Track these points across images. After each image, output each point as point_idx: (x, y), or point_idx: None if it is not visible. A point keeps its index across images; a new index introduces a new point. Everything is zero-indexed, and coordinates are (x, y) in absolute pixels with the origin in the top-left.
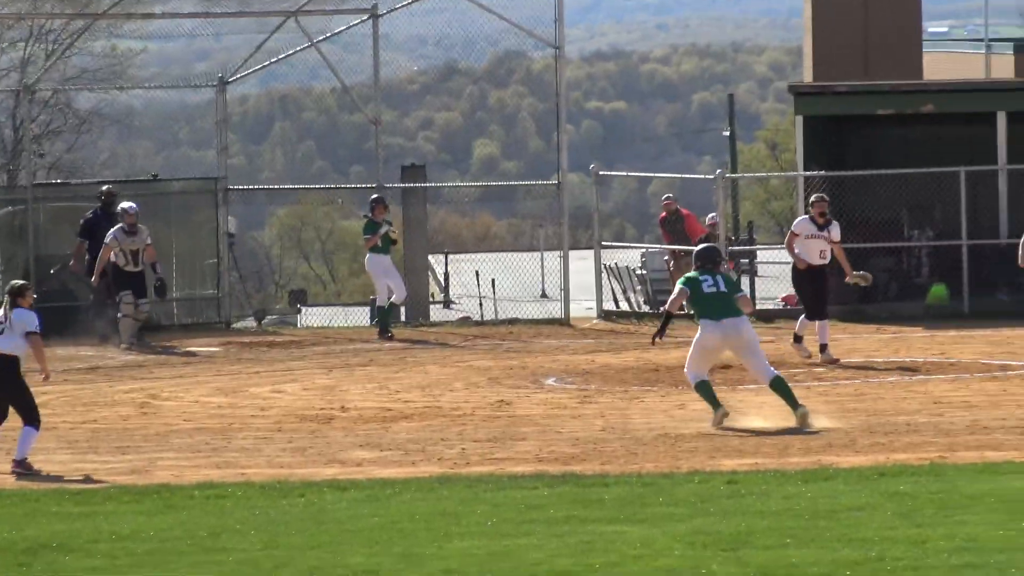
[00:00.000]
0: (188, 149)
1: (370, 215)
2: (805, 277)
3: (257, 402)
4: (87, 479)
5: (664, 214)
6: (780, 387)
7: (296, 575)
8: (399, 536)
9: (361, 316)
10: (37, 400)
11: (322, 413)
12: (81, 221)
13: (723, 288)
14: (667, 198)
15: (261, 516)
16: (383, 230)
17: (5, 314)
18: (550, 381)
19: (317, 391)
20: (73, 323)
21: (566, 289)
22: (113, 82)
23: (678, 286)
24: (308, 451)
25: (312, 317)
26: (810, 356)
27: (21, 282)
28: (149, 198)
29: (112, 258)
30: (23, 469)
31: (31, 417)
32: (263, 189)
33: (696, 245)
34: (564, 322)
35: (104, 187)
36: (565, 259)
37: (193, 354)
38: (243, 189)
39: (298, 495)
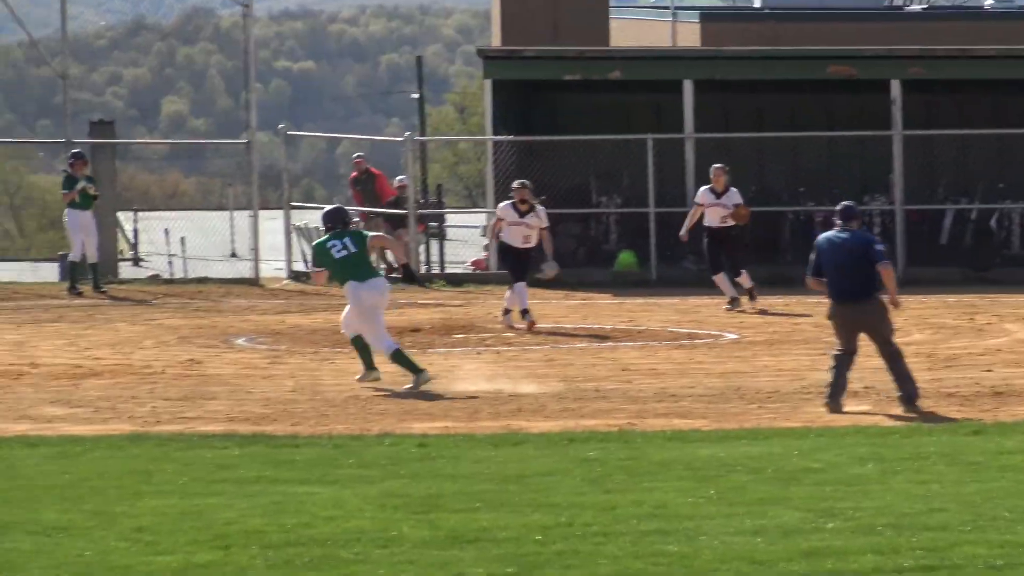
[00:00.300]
0: None
1: (69, 170)
2: (510, 255)
3: None
4: None
5: (355, 173)
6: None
7: None
8: (90, 493)
9: (50, 272)
10: None
11: (11, 369)
12: None
13: (353, 248)
14: (358, 157)
15: None
16: (80, 185)
17: None
18: (240, 341)
19: (6, 347)
20: None
21: (256, 249)
22: None
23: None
24: None
25: (2, 272)
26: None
27: None
28: None
29: None
30: None
31: None
32: None
33: (385, 207)
34: (254, 282)
35: None
36: (255, 219)
37: None
38: None
39: None
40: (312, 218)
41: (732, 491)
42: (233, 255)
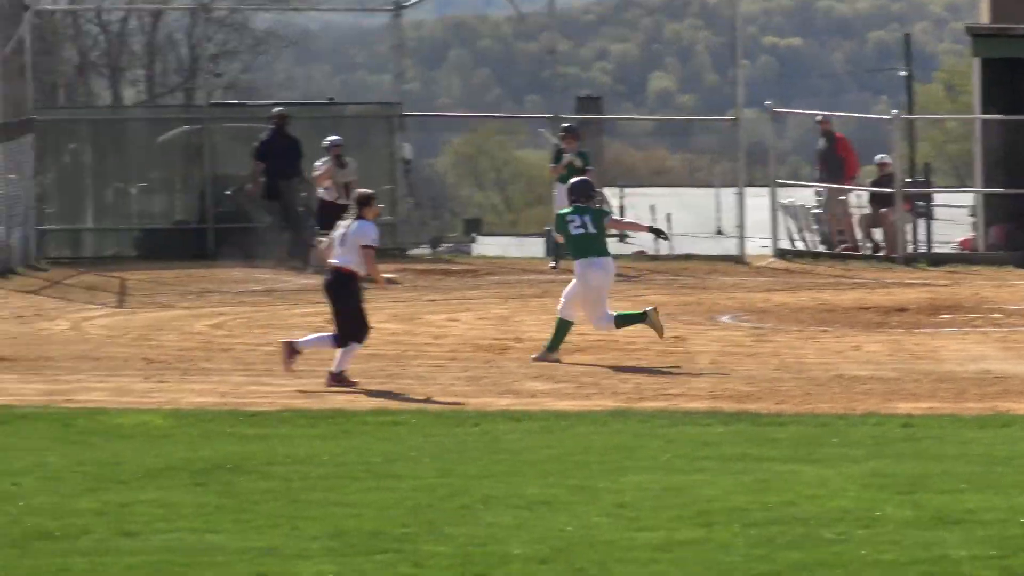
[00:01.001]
0: (364, 73)
1: (561, 144)
2: None
3: (432, 330)
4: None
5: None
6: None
7: (470, 503)
8: (573, 468)
9: (536, 247)
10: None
11: (496, 343)
12: (256, 143)
13: (592, 228)
14: (821, 118)
15: (435, 444)
16: (566, 159)
17: (347, 225)
18: (725, 318)
19: (492, 321)
20: (249, 245)
21: (742, 226)
22: (289, 3)
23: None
24: (482, 381)
25: (487, 246)
26: None
27: (369, 191)
28: (325, 121)
29: (322, 192)
30: (338, 382)
31: (349, 332)
32: (439, 116)
33: (850, 179)
34: (739, 259)
35: (276, 109)
36: (741, 196)
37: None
38: (419, 116)
39: (472, 424)
40: (798, 196)
41: None
42: (719, 232)
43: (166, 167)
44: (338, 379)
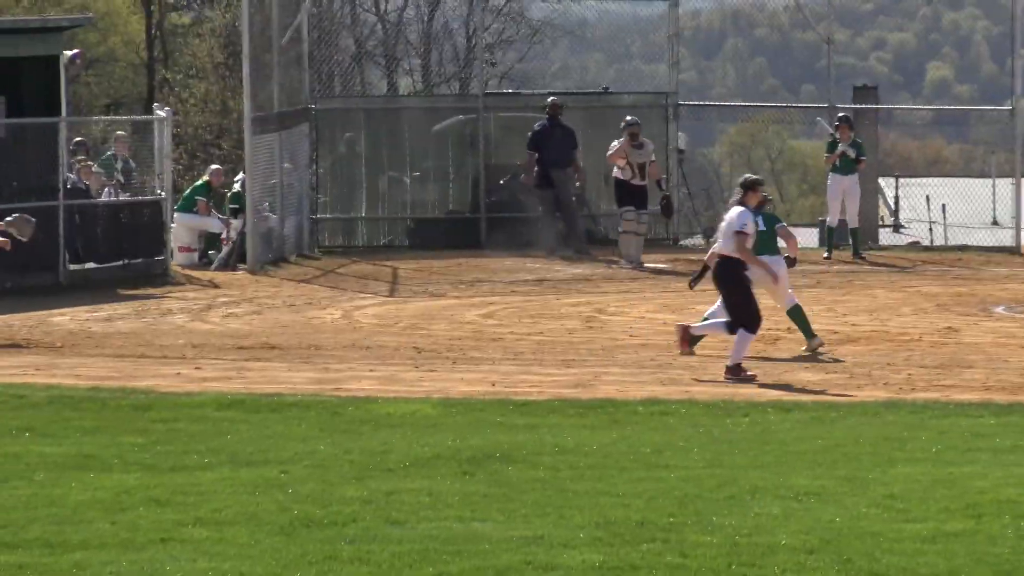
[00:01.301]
0: (640, 63)
1: (835, 134)
2: None
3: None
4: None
5: None
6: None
7: (738, 494)
8: (843, 459)
9: (809, 237)
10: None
11: (768, 334)
12: (530, 133)
13: (762, 226)
14: None
15: (704, 434)
16: (839, 149)
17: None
18: (999, 310)
19: (764, 311)
20: (521, 234)
21: (1018, 217)
22: None
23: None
24: (753, 371)
25: None
26: None
27: (755, 177)
28: (599, 111)
29: (617, 172)
30: (735, 375)
31: (740, 320)
32: (713, 105)
33: None
34: (1015, 251)
35: (550, 98)
36: (1017, 187)
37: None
38: (693, 105)
39: (742, 415)
40: None
41: None
42: (994, 223)
43: (440, 156)
44: (735, 372)
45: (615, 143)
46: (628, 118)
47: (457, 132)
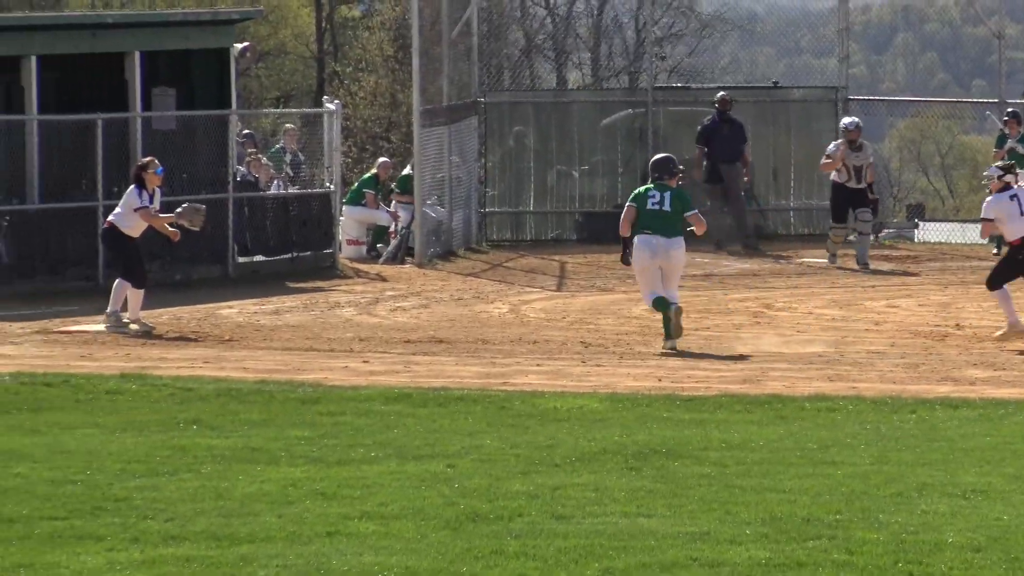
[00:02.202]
0: (809, 57)
1: (1004, 129)
2: None
3: (871, 316)
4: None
5: None
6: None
7: (905, 491)
8: (1011, 457)
9: (976, 233)
10: None
11: (936, 330)
12: (699, 127)
13: (667, 207)
14: None
15: (871, 431)
16: (1008, 144)
17: None
18: None
19: (932, 308)
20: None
21: None
22: None
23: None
24: (921, 367)
25: (929, 232)
26: None
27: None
28: (768, 105)
29: (833, 176)
30: None
31: None
32: (883, 100)
33: None
34: None
35: (719, 93)
36: None
37: (808, 265)
38: (864, 100)
39: (909, 411)
40: None
41: None
42: None
43: (609, 151)
44: None
45: (831, 147)
46: (846, 121)
47: (626, 126)
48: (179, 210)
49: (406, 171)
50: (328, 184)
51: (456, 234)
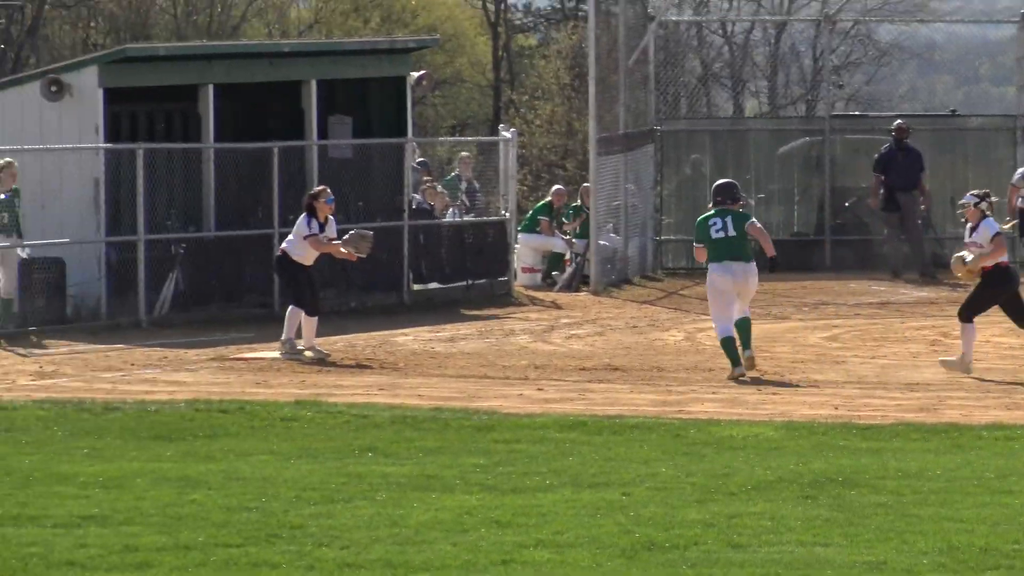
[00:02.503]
0: (988, 85)
1: None
2: None
3: None
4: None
5: None
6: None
7: None
8: None
9: None
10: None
11: None
12: (876, 156)
13: (731, 231)
14: None
15: None
16: None
17: None
18: None
19: None
20: (866, 257)
21: None
22: (914, 15)
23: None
24: None
25: None
26: None
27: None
28: (946, 133)
29: (1019, 202)
30: None
31: None
32: None
33: None
34: None
35: (896, 122)
36: None
37: None
38: None
39: None
40: None
41: None
42: None
43: (785, 178)
44: None
45: (1019, 172)
46: None
47: (803, 154)
48: (346, 237)
49: (576, 202)
50: (503, 212)
51: (631, 262)
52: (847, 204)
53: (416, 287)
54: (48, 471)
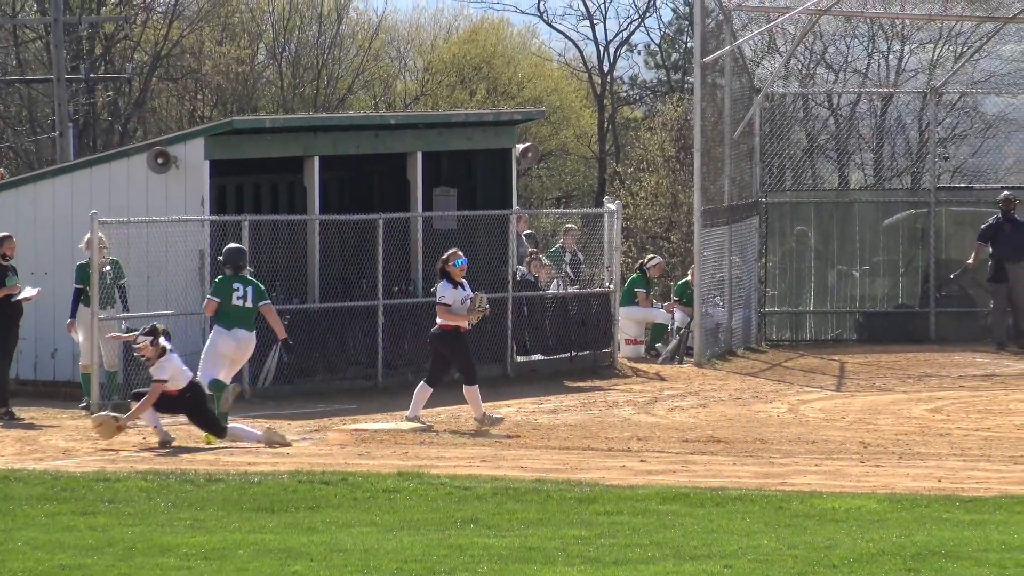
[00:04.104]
0: None
1: None
2: None
3: None
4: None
5: None
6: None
7: None
8: None
9: None
10: None
11: None
12: (983, 226)
13: (250, 302)
14: None
15: None
16: None
17: None
18: None
19: None
20: (971, 329)
21: None
22: (1021, 87)
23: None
24: None
25: None
26: None
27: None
28: None
29: None
30: None
31: None
32: None
33: None
34: None
35: (1003, 193)
36: None
37: None
38: None
39: None
40: None
41: None
42: None
43: (890, 250)
44: None
45: None
46: None
47: (908, 226)
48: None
49: (685, 279)
50: (608, 284)
51: (735, 333)
52: (952, 276)
53: (520, 359)
54: (150, 542)
